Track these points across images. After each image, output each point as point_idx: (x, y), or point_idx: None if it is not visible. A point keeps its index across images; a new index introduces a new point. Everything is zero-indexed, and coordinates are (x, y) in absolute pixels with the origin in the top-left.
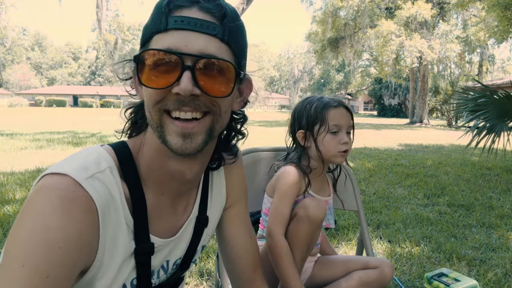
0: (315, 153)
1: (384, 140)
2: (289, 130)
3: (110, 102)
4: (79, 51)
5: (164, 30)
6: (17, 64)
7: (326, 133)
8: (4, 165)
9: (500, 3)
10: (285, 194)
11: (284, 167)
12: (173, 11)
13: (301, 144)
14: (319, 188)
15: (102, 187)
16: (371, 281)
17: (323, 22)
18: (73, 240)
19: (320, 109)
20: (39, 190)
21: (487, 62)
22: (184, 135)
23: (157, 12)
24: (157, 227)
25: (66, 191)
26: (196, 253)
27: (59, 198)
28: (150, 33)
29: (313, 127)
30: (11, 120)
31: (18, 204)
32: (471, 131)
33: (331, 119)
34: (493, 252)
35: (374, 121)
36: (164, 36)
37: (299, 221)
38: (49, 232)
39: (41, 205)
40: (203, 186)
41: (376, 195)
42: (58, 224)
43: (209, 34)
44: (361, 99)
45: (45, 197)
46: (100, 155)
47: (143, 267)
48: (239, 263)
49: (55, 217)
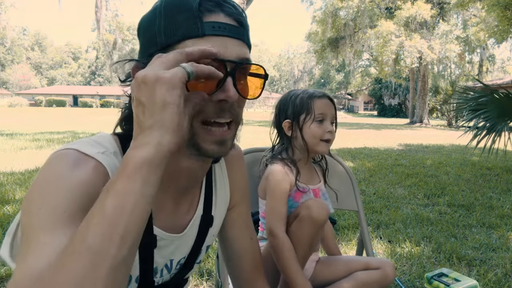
0: (300, 142)
1: (384, 140)
2: (273, 122)
3: (110, 102)
4: (79, 51)
5: (201, 35)
6: (17, 64)
7: (311, 121)
8: (4, 165)
9: (500, 3)
10: (276, 192)
11: (269, 166)
12: (204, 15)
13: (287, 134)
14: (308, 178)
15: (112, 162)
16: (373, 282)
17: (323, 22)
18: (85, 187)
19: (306, 99)
20: (51, 157)
21: (487, 62)
22: (221, 142)
23: (185, 15)
24: (160, 219)
25: (78, 157)
26: (201, 254)
27: (73, 159)
28: (180, 37)
29: (299, 116)
30: (11, 120)
31: (18, 204)
32: (471, 131)
33: (317, 108)
34: (493, 252)
35: (374, 121)
36: (201, 42)
37: (301, 221)
38: (62, 178)
39: (54, 164)
40: (207, 186)
41: (376, 195)
42: (70, 173)
43: (239, 39)
44: (361, 99)
45: (58, 160)
46: (106, 139)
47: (146, 261)
48: (240, 263)
49: (68, 169)
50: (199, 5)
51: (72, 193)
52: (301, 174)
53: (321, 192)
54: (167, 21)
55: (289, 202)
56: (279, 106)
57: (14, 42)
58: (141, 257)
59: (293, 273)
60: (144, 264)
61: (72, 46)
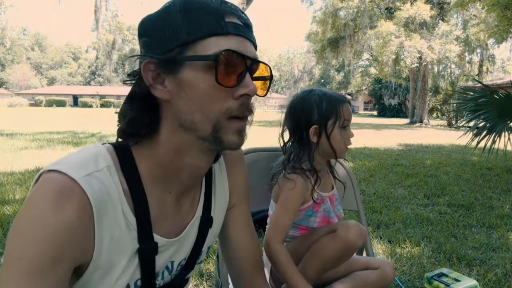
0: (327, 149)
1: (384, 140)
2: (289, 126)
3: (110, 102)
4: (79, 51)
5: (225, 33)
6: (17, 64)
7: (338, 127)
8: (4, 165)
9: (500, 2)
10: (289, 205)
11: (289, 176)
12: (226, 15)
13: (312, 140)
14: (324, 185)
15: (99, 185)
16: (373, 282)
17: (323, 22)
18: (65, 236)
19: (334, 103)
20: (38, 186)
21: (487, 62)
22: (240, 132)
23: (209, 13)
24: (161, 226)
25: (62, 187)
26: (202, 254)
27: (55, 194)
28: (204, 34)
29: (327, 121)
30: (11, 120)
31: (18, 204)
32: (471, 131)
33: (345, 113)
34: (493, 252)
35: (374, 121)
36: (224, 39)
37: (335, 238)
38: (43, 227)
39: (37, 200)
40: (206, 186)
41: (376, 195)
42: (52, 218)
43: (251, 41)
44: (361, 99)
45: (42, 193)
46: (99, 154)
47: (147, 268)
48: (240, 263)
49: (50, 212)
50: (221, 5)
51: (50, 249)
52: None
53: (335, 197)
54: (188, 19)
55: (308, 212)
56: (298, 109)
57: (14, 42)
58: (142, 264)
59: (294, 280)
60: (145, 270)
61: (72, 46)
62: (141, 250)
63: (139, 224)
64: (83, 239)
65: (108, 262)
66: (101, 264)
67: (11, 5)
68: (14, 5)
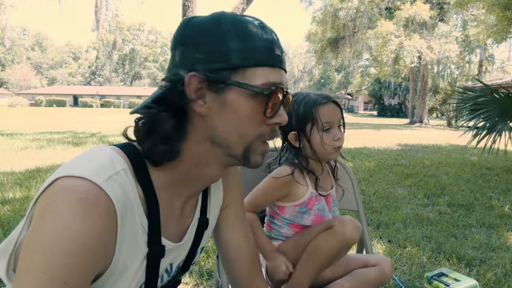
0: (310, 153)
1: (384, 140)
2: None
3: (110, 102)
4: (79, 51)
5: (274, 66)
6: (17, 64)
7: (319, 131)
8: (4, 165)
9: (499, 2)
10: (266, 189)
11: (283, 166)
12: (275, 47)
13: (294, 146)
14: (322, 184)
15: (120, 189)
16: (371, 279)
17: (323, 22)
18: (92, 246)
19: (310, 107)
20: (58, 193)
21: (487, 62)
22: (263, 154)
23: (264, 44)
24: (168, 230)
25: (86, 193)
26: (196, 255)
27: (80, 201)
28: (256, 63)
29: (305, 127)
30: (11, 120)
31: (18, 204)
32: (471, 131)
33: (322, 116)
34: (493, 252)
35: (374, 121)
36: (271, 71)
37: (332, 234)
38: (69, 238)
39: (61, 209)
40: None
41: (376, 195)
42: (78, 229)
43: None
44: (361, 99)
45: (65, 200)
46: (113, 156)
47: (152, 271)
48: (236, 263)
49: (75, 222)
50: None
51: (76, 261)
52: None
53: (332, 198)
54: (245, 45)
55: (302, 209)
56: None
57: (14, 42)
58: (148, 268)
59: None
60: (150, 274)
61: (72, 46)
62: (150, 253)
63: (151, 227)
64: (107, 246)
65: (123, 266)
66: (117, 269)
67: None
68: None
